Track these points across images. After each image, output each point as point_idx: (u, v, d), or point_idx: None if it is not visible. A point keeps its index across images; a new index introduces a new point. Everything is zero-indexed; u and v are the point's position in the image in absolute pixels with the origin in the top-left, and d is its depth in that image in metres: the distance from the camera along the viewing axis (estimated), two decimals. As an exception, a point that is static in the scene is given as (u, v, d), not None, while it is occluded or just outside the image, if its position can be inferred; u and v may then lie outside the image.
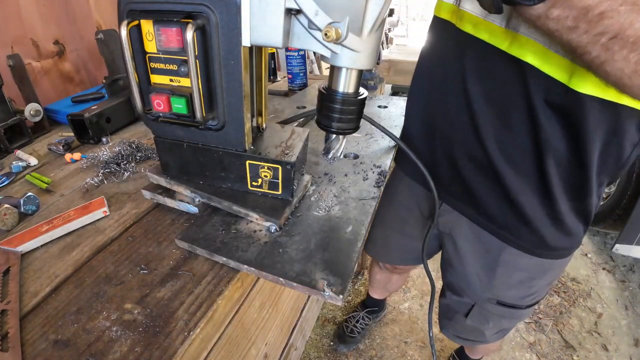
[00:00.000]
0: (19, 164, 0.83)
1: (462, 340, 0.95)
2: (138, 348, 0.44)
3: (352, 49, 0.44)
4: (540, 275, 0.72)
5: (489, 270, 0.74)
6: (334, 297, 0.50)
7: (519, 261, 0.70)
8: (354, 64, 0.46)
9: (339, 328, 1.53)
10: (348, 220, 0.64)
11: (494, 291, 0.77)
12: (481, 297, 0.79)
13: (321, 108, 0.53)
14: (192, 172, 0.64)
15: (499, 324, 0.84)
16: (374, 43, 0.45)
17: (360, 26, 0.42)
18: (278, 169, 0.59)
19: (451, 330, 0.94)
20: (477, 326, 0.86)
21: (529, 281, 0.73)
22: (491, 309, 0.80)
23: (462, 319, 0.86)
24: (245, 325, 0.66)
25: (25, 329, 0.47)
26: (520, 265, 0.71)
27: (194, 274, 0.55)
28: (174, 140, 0.61)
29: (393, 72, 3.16)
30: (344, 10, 0.41)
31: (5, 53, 0.95)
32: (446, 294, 0.90)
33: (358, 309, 1.53)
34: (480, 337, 0.88)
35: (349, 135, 0.56)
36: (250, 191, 0.64)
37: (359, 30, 0.42)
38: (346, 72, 0.48)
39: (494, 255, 0.72)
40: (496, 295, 0.77)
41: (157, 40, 0.49)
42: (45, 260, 0.58)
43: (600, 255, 1.97)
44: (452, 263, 0.83)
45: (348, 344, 1.48)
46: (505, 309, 0.79)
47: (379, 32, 0.44)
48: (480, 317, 0.84)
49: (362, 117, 0.55)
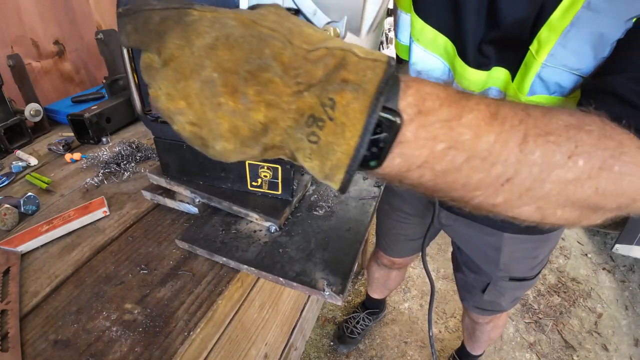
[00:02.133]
0: (19, 164, 0.83)
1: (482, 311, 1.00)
2: (138, 348, 0.44)
3: None
4: (542, 244, 0.77)
5: (496, 250, 0.78)
6: (334, 296, 0.50)
7: (520, 237, 0.74)
8: None
9: (339, 328, 1.53)
10: (348, 220, 0.64)
11: (505, 268, 0.81)
12: (494, 275, 0.84)
13: None
14: (191, 172, 0.64)
15: (513, 294, 0.91)
16: (373, 42, 0.45)
17: (358, 26, 0.42)
18: (278, 169, 0.59)
19: (471, 302, 0.99)
20: (494, 299, 0.91)
21: (533, 251, 0.78)
22: (504, 285, 0.86)
23: (479, 294, 0.92)
24: (245, 325, 0.66)
25: (25, 329, 0.47)
26: (522, 240, 0.75)
27: (194, 274, 0.55)
28: (173, 140, 0.61)
29: (393, 72, 3.17)
30: (342, 10, 0.41)
31: (5, 53, 0.95)
32: (463, 270, 0.94)
33: (358, 310, 1.53)
34: (498, 307, 0.95)
35: None
36: (250, 191, 0.64)
37: (357, 29, 0.42)
38: None
39: (497, 236, 0.76)
40: (507, 272, 0.82)
41: None
42: (45, 260, 0.58)
43: (600, 255, 1.97)
44: (463, 249, 0.88)
45: (348, 345, 1.48)
46: (517, 283, 0.85)
47: (378, 31, 0.45)
48: (495, 292, 0.89)
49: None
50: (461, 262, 0.95)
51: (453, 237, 0.90)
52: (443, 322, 1.62)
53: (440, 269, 1.85)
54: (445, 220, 0.83)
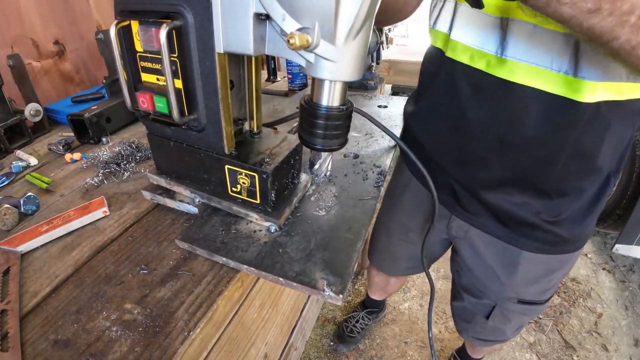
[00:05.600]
0: (19, 164, 0.83)
1: (482, 342, 0.94)
2: (138, 348, 0.44)
3: (327, 58, 0.38)
4: (560, 266, 0.72)
5: (510, 267, 0.72)
6: (334, 297, 0.50)
7: (539, 257, 0.69)
8: (332, 76, 0.40)
9: (339, 328, 1.53)
10: (348, 220, 0.64)
11: (515, 289, 0.76)
12: (502, 297, 0.78)
13: (303, 123, 0.46)
14: (179, 171, 0.65)
15: (520, 320, 0.84)
16: (355, 52, 0.38)
17: (333, 32, 0.36)
18: (255, 177, 0.57)
19: (470, 333, 0.92)
20: (499, 326, 0.85)
21: (548, 274, 0.73)
22: (512, 308, 0.79)
23: (482, 320, 0.85)
24: (245, 325, 0.66)
25: (25, 329, 0.47)
26: (540, 259, 0.70)
27: (194, 274, 0.55)
28: (162, 137, 0.62)
29: (393, 72, 3.15)
30: (313, 15, 0.36)
31: (5, 53, 0.95)
32: (463, 296, 0.88)
33: (358, 309, 1.53)
34: (501, 336, 0.88)
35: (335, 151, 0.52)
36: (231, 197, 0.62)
37: (332, 36, 0.36)
38: (329, 84, 0.42)
39: (514, 253, 0.70)
40: (517, 294, 0.77)
41: (141, 40, 0.50)
42: (45, 260, 0.58)
43: (600, 255, 1.97)
44: (470, 266, 0.81)
45: (348, 344, 1.48)
46: (525, 306, 0.78)
47: (362, 40, 0.38)
48: (501, 317, 0.83)
49: (349, 131, 0.48)
50: (461, 288, 0.88)
51: (461, 250, 0.82)
52: (443, 322, 1.62)
53: (440, 269, 1.85)
54: (456, 231, 0.77)
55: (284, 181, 0.64)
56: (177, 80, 0.51)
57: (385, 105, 1.18)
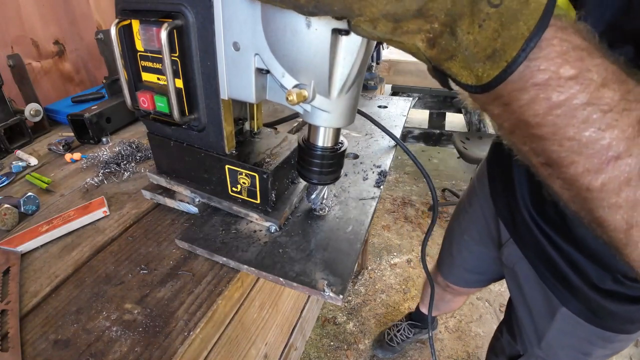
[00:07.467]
0: (19, 164, 0.83)
1: None
2: (138, 348, 0.44)
3: (322, 109, 0.43)
4: (603, 343, 0.62)
5: (547, 316, 0.66)
6: (334, 297, 0.50)
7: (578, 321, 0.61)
8: (327, 123, 0.45)
9: (381, 333, 1.52)
10: (348, 220, 0.64)
11: (546, 347, 0.70)
12: (531, 351, 0.74)
13: (300, 160, 0.52)
14: (179, 170, 0.64)
15: None
16: (347, 102, 0.43)
17: (327, 88, 0.40)
18: (255, 177, 0.58)
19: None
20: None
21: (587, 346, 0.63)
22: None
23: None
24: (245, 325, 0.66)
25: (25, 329, 0.47)
26: (580, 325, 0.62)
27: (194, 274, 0.55)
28: (163, 137, 0.62)
29: (393, 72, 3.15)
30: (309, 75, 0.40)
31: (5, 53, 0.95)
32: (502, 331, 0.85)
33: (403, 320, 1.52)
34: None
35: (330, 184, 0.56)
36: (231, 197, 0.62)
37: (327, 92, 0.41)
38: (324, 129, 0.48)
39: (555, 303, 0.63)
40: (546, 355, 0.71)
41: (142, 39, 0.50)
42: (45, 260, 0.58)
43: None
44: (514, 302, 0.77)
45: (385, 351, 1.46)
46: None
47: (353, 92, 0.43)
48: None
49: (342, 167, 0.54)
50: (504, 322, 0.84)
51: (509, 282, 0.78)
52: (443, 322, 1.62)
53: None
54: (506, 258, 0.74)
55: (284, 181, 0.64)
56: (178, 80, 0.51)
57: (385, 106, 1.18)
